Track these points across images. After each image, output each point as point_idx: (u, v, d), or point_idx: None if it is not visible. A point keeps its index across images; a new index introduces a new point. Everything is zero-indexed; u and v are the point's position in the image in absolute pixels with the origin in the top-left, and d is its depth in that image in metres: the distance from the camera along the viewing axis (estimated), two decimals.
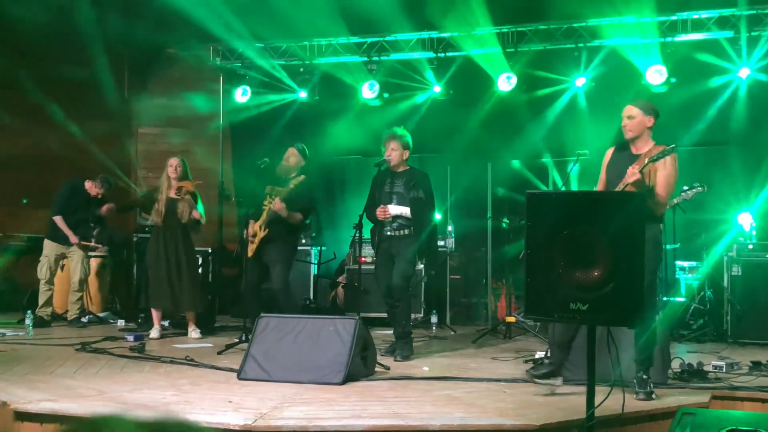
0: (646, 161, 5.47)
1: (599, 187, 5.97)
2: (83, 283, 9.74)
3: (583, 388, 4.29)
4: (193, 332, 8.59)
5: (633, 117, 5.73)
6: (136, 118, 12.78)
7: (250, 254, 8.01)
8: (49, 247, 9.66)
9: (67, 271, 9.81)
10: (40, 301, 9.59)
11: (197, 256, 8.79)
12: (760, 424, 3.44)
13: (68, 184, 9.78)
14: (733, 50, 9.49)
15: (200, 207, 8.57)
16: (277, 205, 7.82)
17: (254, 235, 7.99)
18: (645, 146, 5.70)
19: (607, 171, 5.90)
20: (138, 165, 12.71)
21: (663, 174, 5.53)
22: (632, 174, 5.44)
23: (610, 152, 5.98)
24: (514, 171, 10.68)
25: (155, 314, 8.62)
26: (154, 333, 8.49)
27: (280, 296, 7.98)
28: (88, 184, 9.77)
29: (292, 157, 8.12)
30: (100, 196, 9.83)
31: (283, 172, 8.11)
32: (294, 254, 8.46)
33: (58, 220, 9.56)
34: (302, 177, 7.83)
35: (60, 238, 9.62)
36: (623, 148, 5.86)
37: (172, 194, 8.52)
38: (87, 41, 10.89)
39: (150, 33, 11.58)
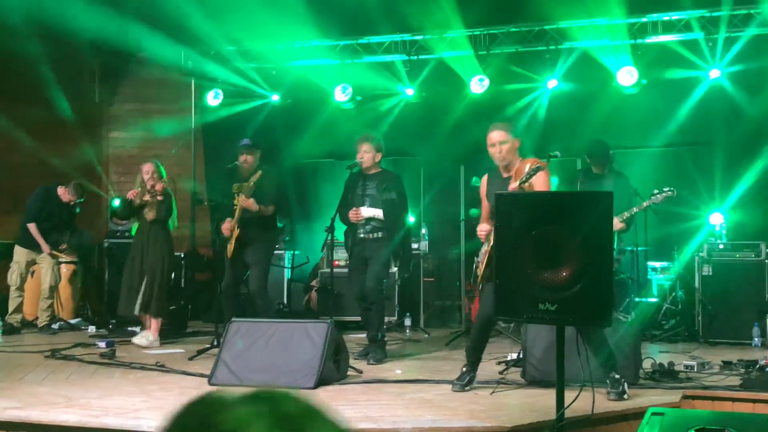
0: (518, 183, 5.35)
1: (484, 213, 5.98)
2: (54, 289, 9.65)
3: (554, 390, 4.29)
4: (142, 338, 8.34)
5: (505, 142, 5.72)
6: (107, 122, 12.67)
7: (229, 255, 7.93)
8: (20, 254, 9.57)
9: (38, 277, 9.71)
10: (10, 308, 9.49)
11: (159, 261, 8.54)
12: (728, 422, 3.44)
13: (41, 191, 9.69)
14: (703, 51, 9.54)
15: (174, 211, 8.50)
16: (244, 201, 7.77)
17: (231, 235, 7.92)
18: (514, 166, 5.66)
19: (487, 199, 5.91)
20: (109, 169, 12.61)
21: (539, 185, 5.44)
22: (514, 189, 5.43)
23: (484, 180, 6.04)
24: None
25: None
26: (138, 339, 8.37)
27: (257, 299, 7.92)
28: (60, 190, 9.69)
29: (248, 157, 8.07)
30: (72, 203, 9.75)
31: (245, 171, 8.08)
32: (271, 256, 8.41)
33: (31, 227, 9.47)
34: (259, 173, 7.76)
35: (31, 245, 9.53)
36: (495, 173, 5.88)
37: (147, 198, 8.43)
38: (57, 45, 10.79)
39: (121, 37, 11.51)
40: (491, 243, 5.24)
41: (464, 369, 5.95)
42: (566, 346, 4.20)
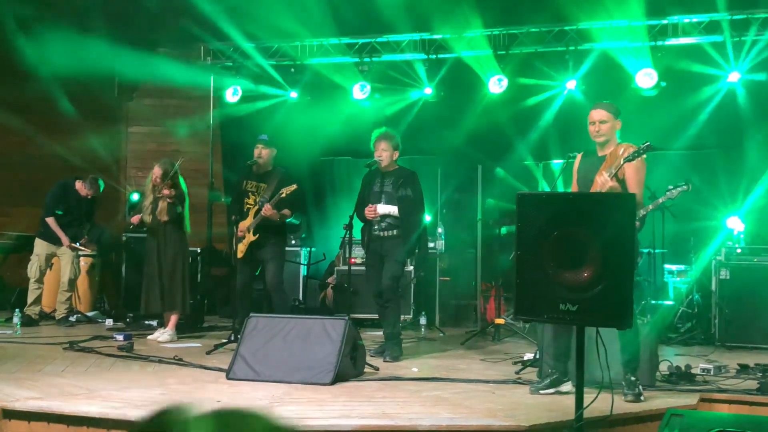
0: (621, 162, 5.48)
1: (573, 191, 5.99)
2: (73, 282, 9.70)
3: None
4: (163, 333, 8.36)
5: (606, 121, 5.74)
6: (127, 118, 12.74)
7: (239, 255, 8.01)
8: (41, 247, 9.63)
9: (56, 270, 9.77)
10: (29, 300, 9.55)
11: (179, 257, 8.56)
12: (747, 425, 3.45)
13: (59, 185, 9.75)
14: (722, 54, 9.52)
15: (186, 215, 8.52)
16: (268, 211, 7.84)
17: (243, 236, 8.00)
18: (611, 147, 5.73)
19: (578, 175, 5.95)
20: (127, 164, 12.68)
21: (632, 173, 5.54)
22: (604, 182, 5.44)
23: (579, 158, 6.02)
24: (504, 174, 10.68)
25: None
26: (157, 335, 8.42)
27: (273, 294, 8.01)
28: (78, 185, 9.75)
29: (263, 151, 8.15)
30: (89, 197, 9.82)
31: (261, 168, 8.17)
32: (285, 251, 8.49)
33: (50, 221, 9.54)
34: (294, 187, 7.82)
35: (52, 238, 9.60)
36: (591, 152, 5.88)
37: (161, 194, 8.45)
38: (78, 40, 10.85)
39: (141, 32, 11.58)
40: None
41: (550, 371, 5.79)
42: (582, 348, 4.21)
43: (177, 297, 8.36)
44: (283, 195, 7.79)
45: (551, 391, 5.67)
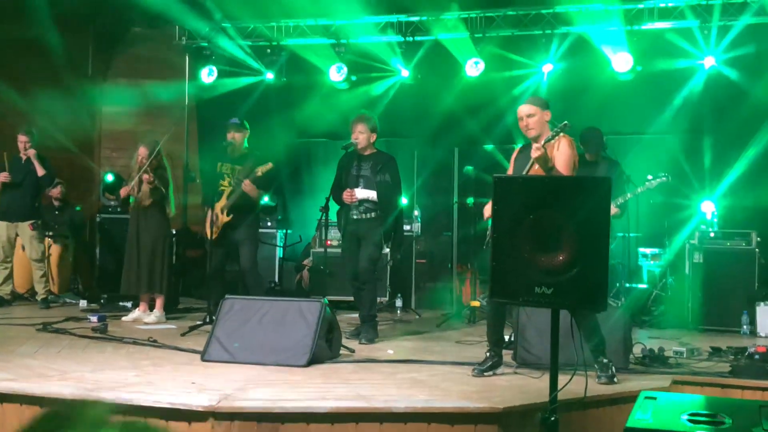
0: (542, 144, 5.50)
1: None
2: (40, 261, 9.49)
3: (546, 372, 4.32)
4: (150, 315, 8.37)
5: (533, 115, 5.77)
6: (101, 97, 12.61)
7: (212, 236, 7.96)
8: (1, 228, 9.47)
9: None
10: None
11: (160, 239, 8.51)
12: (720, 408, 3.48)
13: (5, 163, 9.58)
14: (698, 39, 9.58)
15: (171, 197, 8.48)
16: (248, 186, 7.80)
17: (217, 218, 7.95)
18: (544, 138, 5.73)
19: (513, 167, 5.99)
20: (101, 144, 12.56)
21: (560, 157, 5.58)
22: (536, 149, 5.46)
23: (515, 154, 6.08)
24: (482, 156, 10.68)
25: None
26: (134, 316, 8.40)
27: (248, 276, 7.98)
28: (19, 146, 9.49)
29: (236, 135, 8.11)
30: (27, 146, 9.44)
31: (234, 150, 8.13)
32: (259, 233, 8.47)
33: None
34: (270, 165, 7.78)
35: (9, 216, 9.39)
36: (526, 147, 5.90)
37: (145, 177, 8.39)
38: (52, 19, 10.71)
39: (116, 11, 11.45)
40: None
41: (488, 354, 5.90)
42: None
43: (156, 279, 8.34)
44: (259, 173, 7.75)
45: (489, 373, 5.77)
